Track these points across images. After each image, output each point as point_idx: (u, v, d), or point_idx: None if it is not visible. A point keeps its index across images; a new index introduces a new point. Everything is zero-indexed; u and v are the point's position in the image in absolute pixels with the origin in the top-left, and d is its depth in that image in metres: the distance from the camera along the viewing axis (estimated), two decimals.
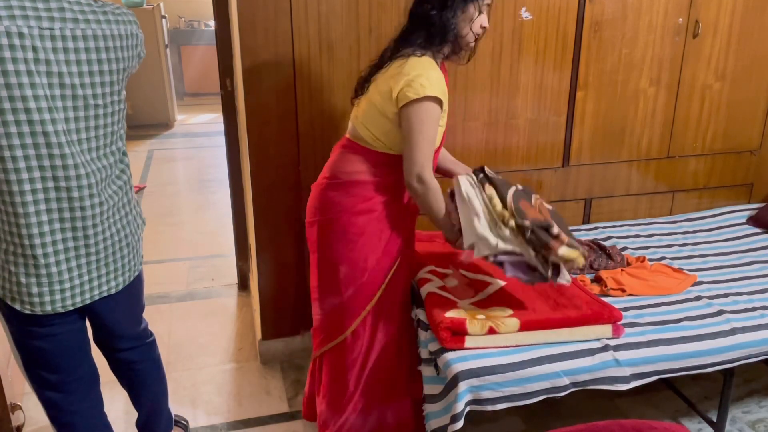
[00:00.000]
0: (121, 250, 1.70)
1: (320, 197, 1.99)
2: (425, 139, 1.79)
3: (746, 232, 2.75)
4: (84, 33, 1.47)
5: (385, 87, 1.83)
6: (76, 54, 1.46)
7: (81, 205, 1.56)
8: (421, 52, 1.83)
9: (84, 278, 1.64)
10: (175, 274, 3.56)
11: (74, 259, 1.60)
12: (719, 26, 2.73)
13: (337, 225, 1.96)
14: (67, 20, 1.44)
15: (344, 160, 1.96)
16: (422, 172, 1.81)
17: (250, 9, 2.24)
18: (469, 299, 2.08)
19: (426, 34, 1.83)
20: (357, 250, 1.96)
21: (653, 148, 2.85)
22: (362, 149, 1.94)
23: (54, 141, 1.47)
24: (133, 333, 1.95)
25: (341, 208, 1.94)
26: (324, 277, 2.03)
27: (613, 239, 2.66)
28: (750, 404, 2.50)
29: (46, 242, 1.54)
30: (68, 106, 1.48)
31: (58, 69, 1.44)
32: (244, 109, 2.38)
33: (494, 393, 1.82)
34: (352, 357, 2.06)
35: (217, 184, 4.96)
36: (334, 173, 1.97)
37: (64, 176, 1.51)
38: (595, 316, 1.95)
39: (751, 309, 2.14)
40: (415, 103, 1.77)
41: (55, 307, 1.62)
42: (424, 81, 1.76)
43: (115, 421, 2.30)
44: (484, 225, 1.85)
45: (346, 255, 1.96)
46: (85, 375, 1.83)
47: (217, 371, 2.72)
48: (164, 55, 6.35)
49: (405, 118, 1.79)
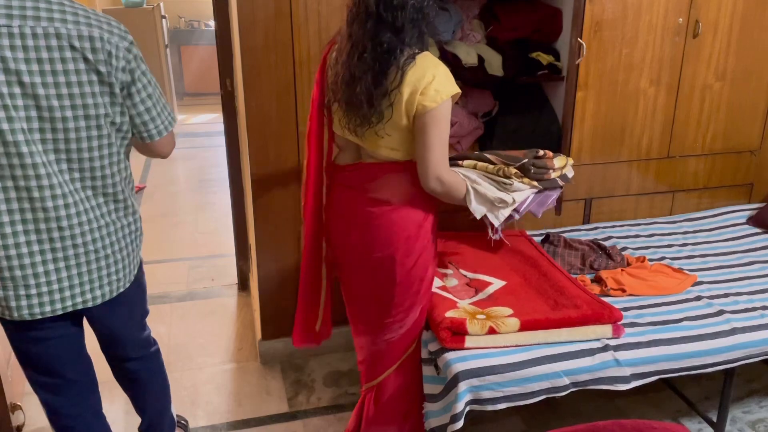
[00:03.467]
0: (98, 261, 1.63)
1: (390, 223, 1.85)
2: (441, 139, 1.75)
3: (746, 232, 2.75)
4: (45, 31, 1.42)
5: (406, 101, 1.71)
6: (36, 52, 1.41)
7: (43, 206, 1.51)
8: (418, 49, 1.72)
9: (54, 286, 1.59)
10: (175, 274, 3.56)
11: (41, 264, 1.55)
12: (719, 26, 2.73)
13: (416, 245, 1.88)
14: (27, 18, 1.41)
15: (391, 183, 1.85)
16: (440, 173, 1.78)
17: (250, 9, 2.24)
18: (469, 299, 2.08)
19: (416, 31, 1.70)
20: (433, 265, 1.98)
21: (653, 148, 2.85)
22: (402, 166, 1.83)
23: (10, 139, 1.43)
24: (137, 340, 1.92)
25: (416, 225, 1.87)
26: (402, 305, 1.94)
27: (613, 239, 2.66)
28: (750, 404, 2.50)
29: (9, 244, 1.51)
30: (30, 105, 1.44)
31: (16, 67, 1.40)
32: (244, 109, 2.38)
33: (494, 393, 1.82)
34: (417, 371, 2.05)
35: (217, 184, 4.96)
36: (384, 201, 1.85)
37: (22, 175, 1.47)
38: (596, 316, 1.95)
39: (751, 309, 2.14)
40: (432, 110, 1.71)
41: (22, 314, 1.58)
42: (437, 86, 1.70)
43: (115, 422, 2.30)
44: (490, 188, 1.89)
45: (430, 273, 1.98)
46: (81, 380, 1.82)
47: (217, 371, 2.72)
48: (164, 55, 6.35)
49: (419, 124, 1.73)
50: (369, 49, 1.67)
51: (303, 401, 2.53)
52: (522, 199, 1.97)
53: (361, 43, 1.69)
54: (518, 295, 2.10)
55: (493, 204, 1.90)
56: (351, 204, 1.90)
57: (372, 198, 1.86)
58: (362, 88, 1.70)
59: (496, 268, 2.29)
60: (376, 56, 1.68)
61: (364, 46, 1.68)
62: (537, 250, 2.41)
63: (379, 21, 1.66)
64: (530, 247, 2.43)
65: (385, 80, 1.70)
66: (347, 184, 1.92)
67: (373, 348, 2.02)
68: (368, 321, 2.01)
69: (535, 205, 2.02)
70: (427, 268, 1.95)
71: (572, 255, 2.44)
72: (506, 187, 1.94)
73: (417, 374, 2.04)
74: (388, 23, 1.66)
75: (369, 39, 1.67)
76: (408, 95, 1.70)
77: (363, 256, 1.91)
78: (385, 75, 1.69)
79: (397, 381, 2.04)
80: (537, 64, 2.52)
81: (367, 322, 2.02)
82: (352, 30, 1.71)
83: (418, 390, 2.05)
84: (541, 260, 2.31)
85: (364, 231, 1.88)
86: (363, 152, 1.88)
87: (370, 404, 2.08)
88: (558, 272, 2.22)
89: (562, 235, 2.55)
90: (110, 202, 1.64)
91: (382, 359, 2.03)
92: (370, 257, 1.89)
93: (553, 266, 2.27)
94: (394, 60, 1.68)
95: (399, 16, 1.66)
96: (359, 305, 2.03)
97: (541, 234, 2.63)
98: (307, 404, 2.52)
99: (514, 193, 1.94)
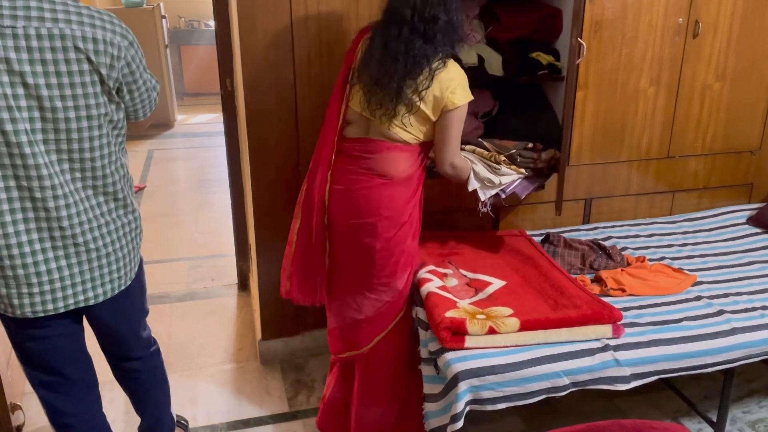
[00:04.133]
0: (99, 259, 1.65)
1: (379, 195, 2.01)
2: (459, 133, 2.03)
3: (746, 232, 2.75)
4: (50, 32, 1.43)
5: (436, 98, 1.93)
6: (40, 53, 1.42)
7: (45, 206, 1.52)
8: (448, 57, 1.94)
9: (56, 284, 1.60)
10: (175, 274, 3.56)
11: (43, 263, 1.56)
12: (719, 26, 2.73)
13: (401, 218, 2.05)
14: (31, 18, 1.41)
15: (391, 160, 2.01)
16: (454, 160, 2.06)
17: (250, 9, 2.24)
18: (469, 299, 2.08)
19: (447, 39, 1.91)
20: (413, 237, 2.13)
21: (653, 148, 2.85)
22: (406, 147, 2.02)
23: (13, 140, 1.44)
24: (137, 339, 1.92)
25: (404, 201, 2.05)
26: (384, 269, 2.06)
27: (613, 239, 2.66)
28: (750, 404, 2.50)
29: (11, 243, 1.52)
30: (33, 106, 1.45)
31: (20, 68, 1.41)
32: (244, 109, 2.38)
33: (494, 393, 1.82)
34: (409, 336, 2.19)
35: (217, 184, 4.96)
36: (381, 174, 2.01)
37: (25, 176, 1.48)
38: (596, 316, 1.95)
39: (751, 309, 2.14)
40: (459, 108, 1.96)
41: (24, 312, 1.59)
42: (463, 89, 1.96)
43: (115, 422, 2.30)
44: (483, 170, 2.22)
45: (409, 244, 2.11)
46: (82, 378, 1.82)
47: (217, 371, 2.72)
48: (164, 55, 6.34)
49: (445, 119, 1.97)
50: (402, 52, 1.88)
51: (303, 401, 2.53)
52: (508, 182, 2.25)
53: (395, 46, 1.89)
54: (518, 295, 2.10)
55: (483, 182, 2.20)
56: (350, 171, 2.04)
57: (369, 169, 2.02)
58: (393, 85, 1.89)
59: (496, 268, 2.29)
60: (409, 60, 1.88)
61: (397, 49, 1.88)
62: (537, 250, 2.41)
63: (413, 30, 1.87)
64: (530, 247, 2.43)
65: (416, 81, 1.90)
66: (349, 153, 2.05)
67: (354, 312, 2.11)
68: (352, 283, 2.10)
69: (519, 188, 2.30)
70: (406, 239, 2.08)
71: (572, 255, 2.45)
72: (495, 171, 2.25)
73: (402, 351, 2.17)
74: (422, 32, 1.87)
75: (403, 43, 1.88)
76: (439, 93, 1.92)
77: (350, 220, 2.05)
78: (417, 76, 1.90)
79: (383, 354, 2.13)
80: (537, 64, 2.52)
81: (351, 284, 2.11)
82: (388, 33, 1.90)
83: (402, 370, 2.17)
84: (541, 260, 2.32)
85: (356, 197, 2.03)
86: (372, 129, 2.03)
87: (362, 382, 2.16)
88: (558, 272, 2.22)
89: (562, 235, 2.55)
90: (110, 201, 1.65)
91: (369, 326, 2.10)
92: (357, 221, 2.03)
93: (553, 266, 2.27)
94: (427, 64, 1.89)
95: (432, 26, 1.87)
96: (344, 268, 2.11)
97: (541, 234, 2.63)
98: (307, 404, 2.52)
99: (502, 177, 2.23)
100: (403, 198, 2.04)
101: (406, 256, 2.09)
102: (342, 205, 2.05)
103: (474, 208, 2.24)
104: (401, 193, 2.04)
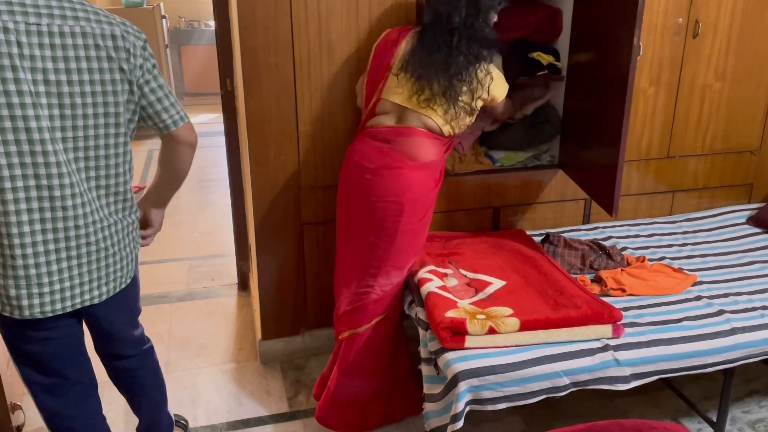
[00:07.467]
0: (106, 258, 1.65)
1: (403, 178, 2.12)
2: (505, 108, 2.35)
3: (746, 232, 2.75)
4: (72, 30, 1.44)
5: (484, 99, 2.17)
6: (63, 50, 1.44)
7: (63, 205, 1.53)
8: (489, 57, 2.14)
9: (66, 284, 1.60)
10: (175, 274, 3.56)
11: (55, 262, 1.56)
12: (719, 26, 2.73)
13: (424, 202, 2.19)
14: (54, 16, 1.43)
15: (419, 145, 2.13)
16: (504, 116, 2.50)
17: (250, 9, 2.24)
18: (469, 299, 2.09)
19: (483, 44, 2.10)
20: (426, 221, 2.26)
21: (653, 148, 2.85)
22: (434, 136, 2.16)
23: (36, 138, 1.45)
24: (131, 337, 1.92)
25: (428, 188, 2.18)
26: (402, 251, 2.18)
27: (613, 239, 2.66)
28: (750, 404, 2.50)
29: (26, 243, 1.51)
30: (53, 104, 1.46)
31: (43, 65, 1.42)
32: (244, 109, 2.38)
33: (494, 393, 1.82)
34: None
35: (217, 184, 4.96)
36: (412, 156, 2.12)
37: (45, 174, 1.49)
38: (596, 316, 1.95)
39: (751, 309, 2.14)
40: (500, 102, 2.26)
41: (33, 312, 1.58)
42: (504, 86, 2.23)
43: (115, 422, 2.30)
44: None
45: (424, 232, 2.27)
46: (83, 380, 1.82)
47: (217, 371, 2.72)
48: (164, 55, 6.35)
49: (490, 107, 2.27)
50: (453, 57, 2.06)
51: (303, 401, 2.53)
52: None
53: (444, 50, 2.06)
54: (518, 295, 2.10)
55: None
56: (375, 151, 2.14)
57: (398, 150, 2.12)
58: (442, 81, 2.06)
59: (496, 268, 2.29)
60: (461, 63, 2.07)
61: (447, 53, 2.06)
62: (537, 250, 2.41)
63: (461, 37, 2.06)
64: (530, 247, 2.43)
65: (465, 79, 2.09)
66: (374, 137, 2.17)
67: (362, 295, 2.20)
68: (368, 263, 2.19)
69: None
70: (424, 226, 2.23)
71: (572, 255, 2.45)
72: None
73: (389, 335, 2.27)
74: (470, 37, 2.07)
75: (456, 49, 2.05)
76: (487, 95, 2.15)
77: (370, 200, 2.13)
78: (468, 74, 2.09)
79: (372, 337, 2.23)
80: (537, 64, 2.52)
81: (367, 264, 2.19)
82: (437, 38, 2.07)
83: (388, 350, 2.28)
84: (541, 260, 2.32)
85: (382, 177, 2.12)
86: (407, 117, 2.14)
87: (345, 354, 2.26)
88: (558, 272, 2.22)
89: (562, 235, 2.55)
90: (119, 201, 1.66)
91: (374, 306, 2.21)
92: (379, 201, 2.12)
93: (553, 266, 2.27)
94: (478, 65, 2.09)
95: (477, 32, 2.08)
96: (359, 248, 2.20)
97: (541, 234, 2.63)
98: (307, 404, 2.52)
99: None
100: (426, 186, 2.16)
101: (417, 240, 2.23)
102: (363, 185, 2.14)
103: (474, 208, 2.24)
104: (426, 179, 2.16)
